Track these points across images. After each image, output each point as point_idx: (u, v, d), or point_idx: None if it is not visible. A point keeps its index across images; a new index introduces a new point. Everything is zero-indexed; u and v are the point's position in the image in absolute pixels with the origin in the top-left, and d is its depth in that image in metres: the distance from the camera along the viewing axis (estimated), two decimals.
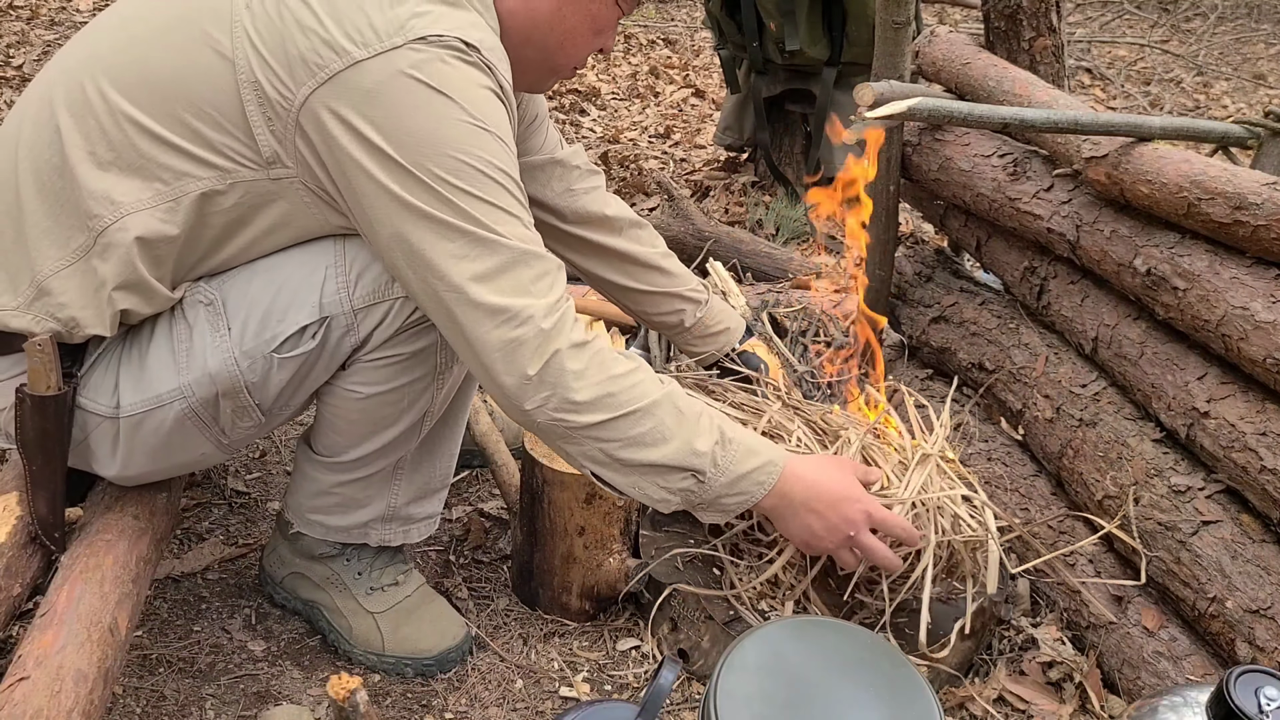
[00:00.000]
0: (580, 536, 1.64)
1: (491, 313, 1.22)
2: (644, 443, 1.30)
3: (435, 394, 1.45)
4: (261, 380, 1.35)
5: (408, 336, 1.38)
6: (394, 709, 1.55)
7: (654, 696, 1.18)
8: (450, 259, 1.22)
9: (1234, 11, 6.98)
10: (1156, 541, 1.54)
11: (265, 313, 1.33)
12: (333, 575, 1.63)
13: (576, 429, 1.28)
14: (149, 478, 1.49)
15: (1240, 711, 0.99)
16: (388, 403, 1.43)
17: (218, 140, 1.26)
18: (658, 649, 1.69)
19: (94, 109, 1.27)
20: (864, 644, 1.24)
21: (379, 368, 1.39)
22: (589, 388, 1.26)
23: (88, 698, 1.15)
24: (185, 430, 1.39)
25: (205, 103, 1.25)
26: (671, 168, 4.07)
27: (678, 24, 6.60)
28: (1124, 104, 5.23)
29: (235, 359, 1.33)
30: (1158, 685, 1.50)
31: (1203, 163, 1.52)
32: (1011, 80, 1.92)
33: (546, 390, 1.25)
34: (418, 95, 1.20)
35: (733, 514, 1.41)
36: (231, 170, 1.27)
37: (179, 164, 1.27)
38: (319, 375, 1.40)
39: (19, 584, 1.38)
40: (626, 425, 1.29)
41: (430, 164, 1.21)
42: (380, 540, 1.60)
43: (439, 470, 1.61)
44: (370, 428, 1.46)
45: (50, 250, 1.29)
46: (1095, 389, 1.75)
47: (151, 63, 1.27)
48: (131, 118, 1.26)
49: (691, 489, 1.34)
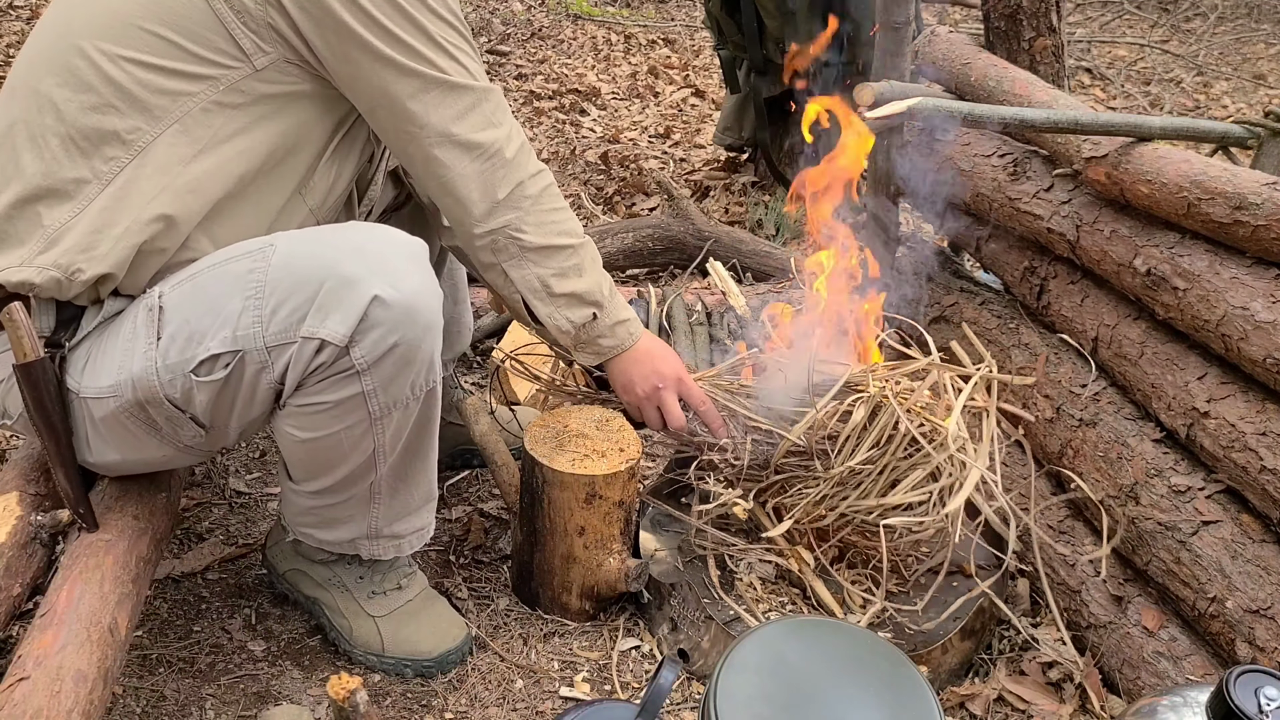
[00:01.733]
0: (580, 536, 1.64)
1: (469, 148, 1.41)
2: (571, 274, 1.52)
3: (379, 436, 1.38)
4: (184, 396, 1.32)
5: (329, 384, 1.31)
6: (394, 709, 1.55)
7: (654, 696, 1.19)
8: (430, 108, 1.38)
9: (1234, 11, 6.98)
10: (1156, 541, 1.54)
11: (190, 331, 1.30)
12: (334, 577, 1.62)
13: (528, 249, 1.49)
14: (125, 469, 1.47)
15: (1240, 711, 0.99)
16: (327, 448, 1.38)
17: (200, 51, 1.31)
18: (658, 649, 1.69)
19: (78, 63, 1.31)
20: (864, 644, 1.24)
21: (308, 414, 1.34)
22: (543, 213, 1.49)
23: (88, 698, 1.15)
24: (129, 428, 1.37)
25: (179, 20, 1.31)
26: (671, 168, 4.06)
27: (678, 24, 6.60)
28: (1124, 104, 5.23)
29: (157, 370, 1.31)
30: (1158, 685, 1.50)
31: (1203, 163, 1.52)
32: (1011, 80, 1.92)
33: (511, 213, 1.46)
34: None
35: (604, 356, 1.63)
36: (221, 76, 1.33)
37: (173, 84, 1.31)
38: (245, 404, 1.34)
39: (19, 584, 1.38)
40: (564, 256, 1.52)
41: (403, 22, 1.33)
42: (371, 554, 1.57)
43: (419, 492, 1.54)
44: (319, 468, 1.43)
45: (59, 206, 1.31)
46: (1095, 389, 1.75)
47: (117, 5, 1.32)
48: (114, 54, 1.31)
49: (588, 323, 1.56)
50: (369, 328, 1.27)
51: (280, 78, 1.36)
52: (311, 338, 1.27)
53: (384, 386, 1.33)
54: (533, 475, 1.64)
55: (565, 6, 6.61)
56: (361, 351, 1.28)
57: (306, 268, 1.28)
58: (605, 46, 5.96)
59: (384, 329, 1.28)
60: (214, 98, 1.33)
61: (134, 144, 1.31)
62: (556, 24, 6.30)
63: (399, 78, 1.36)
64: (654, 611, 1.71)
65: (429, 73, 1.37)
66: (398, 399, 1.36)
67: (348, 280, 1.26)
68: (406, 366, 1.33)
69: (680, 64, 5.70)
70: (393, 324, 1.28)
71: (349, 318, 1.26)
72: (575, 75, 5.27)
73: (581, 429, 1.70)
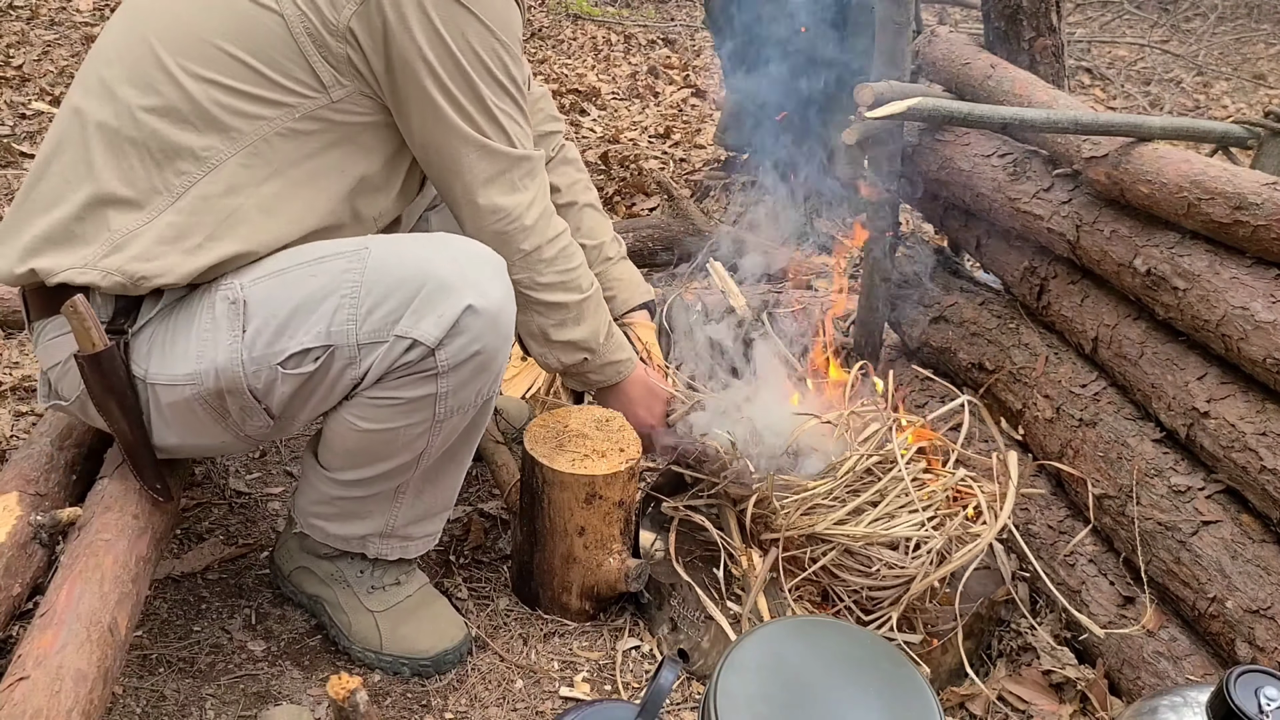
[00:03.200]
0: (580, 536, 1.64)
1: (490, 211, 1.51)
2: (569, 324, 1.64)
3: (432, 439, 1.45)
4: (265, 388, 1.38)
5: (408, 381, 1.37)
6: (394, 709, 1.55)
7: (654, 696, 1.18)
8: (466, 165, 1.48)
9: (1234, 11, 6.98)
10: (1156, 541, 1.54)
11: (280, 325, 1.35)
12: (336, 572, 1.63)
13: (533, 303, 1.60)
14: (179, 452, 1.52)
15: (1240, 711, 0.99)
16: (383, 440, 1.43)
17: (278, 79, 1.37)
18: (658, 649, 1.69)
19: (157, 75, 1.36)
20: (864, 644, 1.24)
21: (378, 406, 1.40)
22: (555, 274, 1.59)
23: (87, 698, 1.15)
24: (199, 415, 1.42)
25: (260, 46, 1.36)
26: (671, 168, 4.06)
27: (678, 24, 6.60)
28: (1124, 104, 5.23)
29: (243, 361, 1.36)
30: (1158, 685, 1.50)
31: (1203, 163, 1.52)
32: (1011, 80, 1.92)
33: (524, 272, 1.56)
34: (451, 12, 1.38)
35: (593, 388, 1.77)
36: (298, 104, 1.38)
37: (251, 108, 1.37)
38: (323, 397, 1.40)
39: (19, 584, 1.38)
40: (565, 310, 1.62)
41: (463, 84, 1.42)
42: (377, 553, 1.59)
43: (442, 497, 1.59)
44: (365, 458, 1.47)
45: (128, 213, 1.36)
46: (1095, 389, 1.75)
47: (198, 22, 1.37)
48: (195, 73, 1.35)
49: (579, 364, 1.69)
50: (458, 333, 1.34)
51: (354, 108, 1.43)
52: (404, 337, 1.34)
53: (456, 390, 1.40)
54: (533, 475, 1.64)
55: (565, 6, 6.61)
56: (447, 354, 1.35)
57: (405, 271, 1.35)
58: (605, 46, 5.96)
59: (470, 335, 1.35)
60: (289, 124, 1.39)
61: (207, 161, 1.36)
62: (556, 24, 6.30)
63: (447, 132, 1.45)
64: (654, 611, 1.71)
65: (472, 134, 1.46)
66: (465, 404, 1.42)
67: (445, 287, 1.34)
68: (482, 373, 1.40)
69: (680, 64, 5.70)
70: (478, 332, 1.36)
71: (444, 322, 1.33)
72: (575, 75, 5.27)
73: (581, 429, 1.70)
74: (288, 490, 2.03)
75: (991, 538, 1.59)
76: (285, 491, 2.03)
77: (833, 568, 1.61)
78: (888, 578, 1.58)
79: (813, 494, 1.64)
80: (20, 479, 1.50)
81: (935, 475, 1.72)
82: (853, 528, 1.60)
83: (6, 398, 2.21)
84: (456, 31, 1.40)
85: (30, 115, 3.77)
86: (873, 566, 1.59)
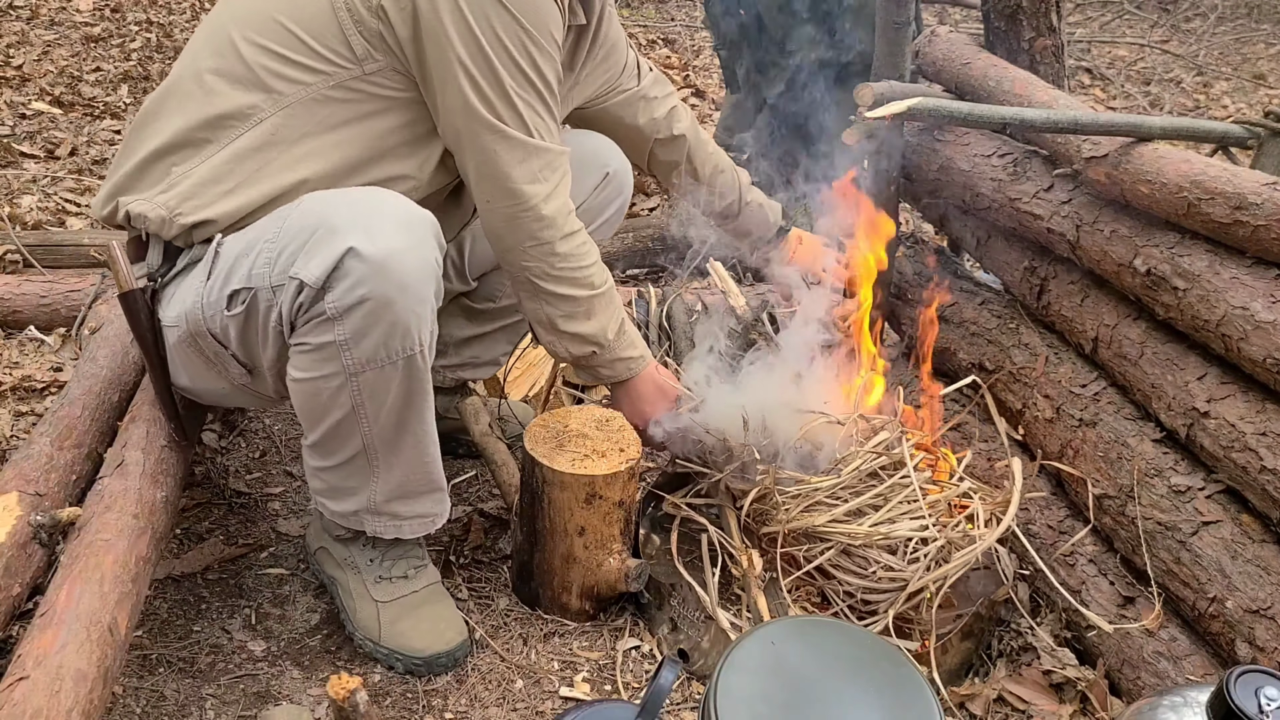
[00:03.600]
0: (580, 536, 1.64)
1: (503, 194, 1.55)
2: (579, 317, 1.66)
3: (357, 395, 1.45)
4: (221, 331, 1.48)
5: (311, 327, 1.41)
6: (394, 709, 1.55)
7: (654, 696, 1.18)
8: (483, 147, 1.53)
9: (1234, 11, 6.97)
10: (1156, 541, 1.54)
11: (229, 271, 1.45)
12: (349, 557, 1.67)
13: (543, 292, 1.63)
14: (201, 396, 1.65)
15: (1240, 711, 0.99)
16: (311, 393, 1.47)
17: (319, 48, 1.49)
18: (658, 649, 1.69)
19: (225, 46, 1.53)
20: (864, 644, 1.24)
21: (299, 353, 1.45)
22: (567, 268, 1.62)
23: (87, 698, 1.15)
24: (191, 357, 1.54)
25: (306, 18, 1.50)
26: None
27: (678, 24, 6.59)
28: (1124, 104, 5.22)
29: (203, 305, 1.48)
30: (1158, 685, 1.50)
31: (1203, 163, 1.52)
32: (1011, 80, 1.92)
33: (536, 262, 1.60)
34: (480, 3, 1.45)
35: (604, 381, 1.78)
36: (333, 73, 1.50)
37: (292, 73, 1.50)
38: (263, 340, 1.47)
39: (19, 584, 1.38)
40: (575, 304, 1.64)
41: (486, 71, 1.48)
42: (374, 530, 1.61)
43: (414, 474, 1.58)
44: (310, 417, 1.51)
45: (186, 159, 1.52)
46: (1095, 389, 1.75)
47: (266, 1, 1.54)
48: (251, 39, 1.51)
49: (587, 357, 1.70)
50: (341, 276, 1.36)
51: (386, 83, 1.52)
52: (295, 278, 1.38)
53: (355, 339, 1.40)
54: (533, 475, 1.64)
55: None
56: (334, 298, 1.37)
57: (311, 218, 1.40)
58: None
59: (354, 279, 1.36)
60: (325, 91, 1.51)
61: (251, 118, 1.50)
62: None
63: (468, 114, 1.51)
64: (654, 611, 1.71)
65: (489, 118, 1.51)
66: (372, 358, 1.42)
67: (333, 230, 1.37)
68: (378, 323, 1.39)
69: (680, 64, 5.70)
70: (362, 276, 1.36)
71: (325, 263, 1.36)
72: None
73: (582, 429, 1.70)
74: (288, 490, 2.03)
75: (989, 544, 1.59)
76: (285, 491, 2.03)
77: (829, 567, 1.61)
78: (884, 580, 1.58)
79: (815, 490, 1.64)
80: (20, 479, 1.50)
81: (940, 486, 1.72)
82: (853, 526, 1.60)
83: (6, 398, 2.21)
84: (482, 16, 1.46)
85: (30, 115, 3.77)
86: (869, 568, 1.59)
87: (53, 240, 2.70)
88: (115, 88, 4.15)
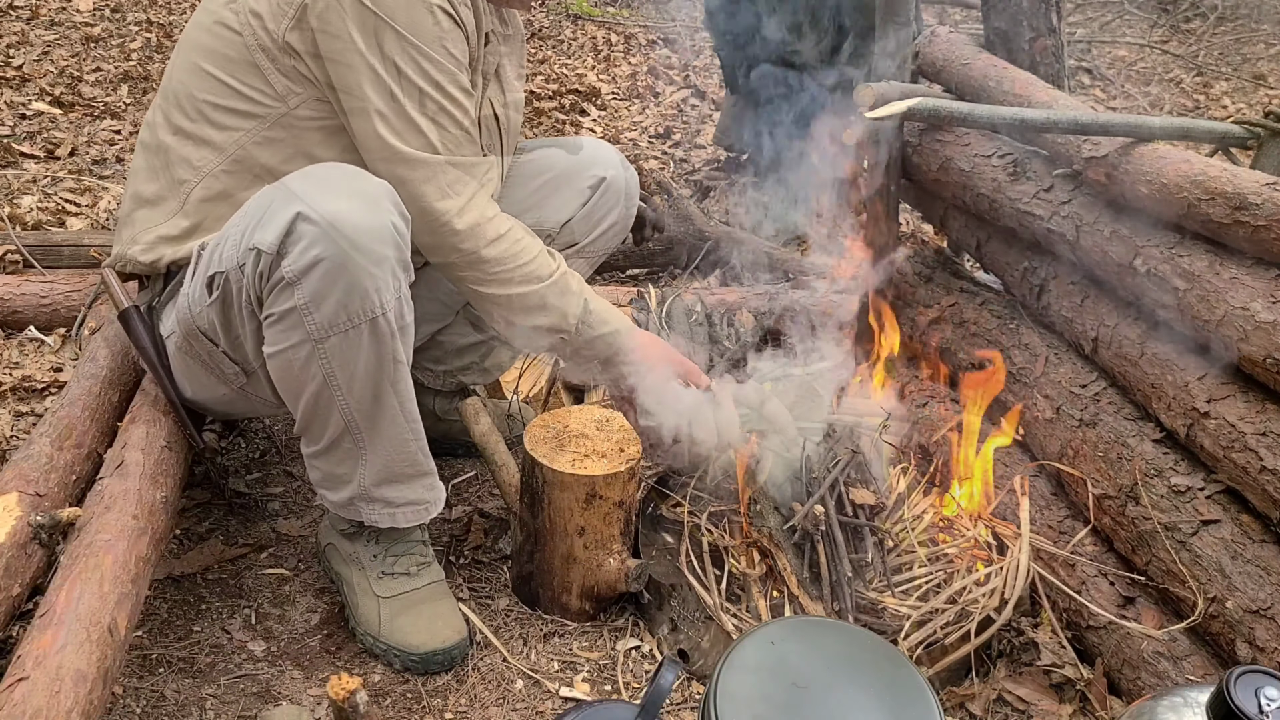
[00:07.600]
0: (580, 537, 1.64)
1: (419, 215, 1.55)
2: (532, 311, 1.64)
3: (325, 364, 1.47)
4: (209, 327, 1.54)
5: (274, 296, 1.44)
6: (394, 709, 1.55)
7: (654, 696, 1.18)
8: (397, 174, 1.53)
9: (1234, 11, 6.97)
10: (1156, 541, 1.54)
11: (206, 263, 1.52)
12: (354, 553, 1.68)
13: (485, 297, 1.64)
14: (207, 407, 1.71)
15: (1240, 711, 0.99)
16: (284, 366, 1.50)
17: (248, 92, 1.56)
18: (658, 649, 1.68)
19: (172, 92, 1.62)
20: (864, 644, 1.24)
21: (268, 327, 1.48)
22: (502, 271, 1.61)
23: (87, 698, 1.15)
24: (190, 364, 1.61)
25: (232, 67, 1.56)
26: (671, 168, 4.06)
27: (678, 24, 6.59)
28: (1124, 104, 5.23)
29: (189, 303, 1.55)
30: (1158, 685, 1.49)
31: (1203, 163, 1.52)
32: (1011, 80, 1.92)
33: (469, 271, 1.61)
34: (364, 19, 1.47)
35: (595, 362, 1.74)
36: (264, 115, 1.57)
37: (229, 121, 1.57)
38: (241, 324, 1.50)
39: (19, 584, 1.38)
40: (524, 299, 1.63)
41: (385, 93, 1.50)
42: (369, 519, 1.63)
43: (398, 455, 1.59)
44: (289, 394, 1.54)
45: (151, 211, 1.63)
46: (1095, 389, 1.75)
47: (197, 47, 1.60)
48: (192, 95, 1.59)
49: (559, 345, 1.70)
50: (295, 240, 1.40)
51: (314, 113, 1.57)
52: (253, 248, 1.42)
53: (316, 302, 1.42)
54: (533, 475, 1.64)
55: (565, 6, 6.61)
56: (290, 262, 1.41)
57: (267, 194, 1.46)
58: (605, 46, 5.96)
59: (307, 241, 1.40)
60: (263, 133, 1.58)
61: (200, 170, 1.60)
62: (556, 24, 6.30)
63: (375, 140, 1.54)
64: (654, 611, 1.71)
65: (396, 144, 1.53)
66: (334, 321, 1.44)
67: (285, 199, 1.42)
68: (335, 284, 1.41)
69: (680, 64, 5.70)
70: (314, 238, 1.39)
71: (278, 229, 1.40)
72: (575, 75, 5.27)
73: (582, 429, 1.70)
74: (288, 490, 2.03)
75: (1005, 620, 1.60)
76: (285, 491, 2.03)
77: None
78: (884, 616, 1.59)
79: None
80: (20, 479, 1.50)
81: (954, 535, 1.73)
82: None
83: (6, 398, 2.21)
84: (374, 42, 1.49)
85: (30, 115, 3.77)
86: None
87: (53, 240, 2.70)
88: (115, 88, 4.15)
